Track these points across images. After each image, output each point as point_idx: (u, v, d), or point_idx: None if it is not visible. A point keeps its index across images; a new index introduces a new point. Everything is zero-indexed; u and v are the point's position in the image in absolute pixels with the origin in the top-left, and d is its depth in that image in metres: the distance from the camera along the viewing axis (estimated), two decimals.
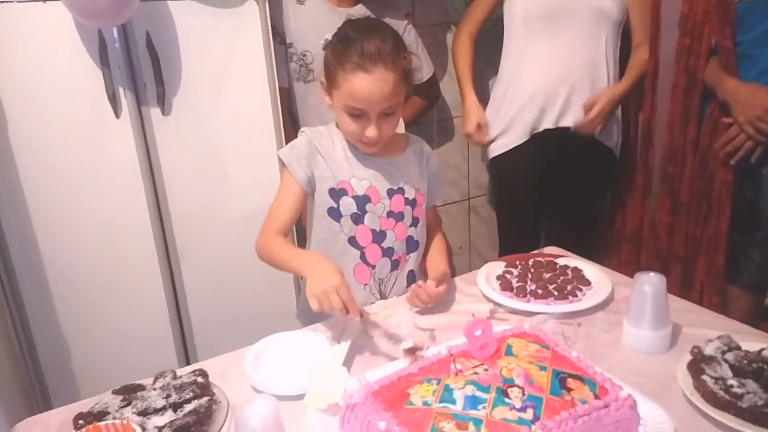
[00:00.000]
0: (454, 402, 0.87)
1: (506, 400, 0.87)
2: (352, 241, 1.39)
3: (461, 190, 2.69)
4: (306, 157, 1.35)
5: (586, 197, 2.17)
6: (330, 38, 1.31)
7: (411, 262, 1.46)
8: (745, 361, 0.96)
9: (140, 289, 1.78)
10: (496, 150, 2.12)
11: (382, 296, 1.44)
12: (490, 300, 1.34)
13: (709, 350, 1.02)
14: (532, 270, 1.43)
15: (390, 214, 1.39)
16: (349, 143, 1.38)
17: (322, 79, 1.34)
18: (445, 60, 2.44)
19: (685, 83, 1.81)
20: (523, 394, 0.88)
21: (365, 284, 1.42)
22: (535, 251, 1.62)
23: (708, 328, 1.16)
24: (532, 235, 2.24)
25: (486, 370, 0.95)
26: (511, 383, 0.91)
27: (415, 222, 1.43)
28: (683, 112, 1.83)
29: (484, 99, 2.51)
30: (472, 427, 0.82)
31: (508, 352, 1.01)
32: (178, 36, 1.65)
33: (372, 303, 1.39)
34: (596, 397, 0.90)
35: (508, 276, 1.42)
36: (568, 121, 2.00)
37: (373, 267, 1.41)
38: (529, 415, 0.85)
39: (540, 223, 2.30)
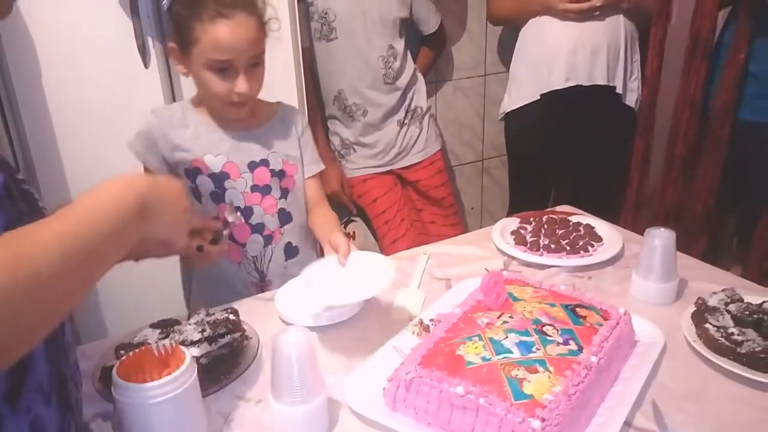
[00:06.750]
0: (510, 351, 0.88)
1: (548, 338, 0.90)
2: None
3: (475, 151, 2.72)
4: (156, 143, 1.29)
5: (605, 158, 2.17)
6: None
7: (287, 235, 1.38)
8: (747, 312, 1.01)
9: None
10: (510, 105, 2.15)
11: (259, 273, 1.37)
12: (504, 253, 1.39)
13: (713, 302, 1.07)
14: (546, 226, 1.48)
15: (254, 188, 1.32)
16: (203, 120, 1.30)
17: (172, 44, 1.22)
18: (464, 18, 2.45)
19: (689, 41, 1.83)
20: (557, 330, 0.93)
21: (238, 263, 1.36)
22: (548, 209, 1.67)
23: (713, 282, 1.20)
24: (542, 192, 2.29)
25: (511, 317, 0.97)
26: (540, 323, 0.94)
27: (284, 193, 1.36)
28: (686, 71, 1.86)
29: (505, 60, 2.52)
30: (540, 368, 0.84)
31: (513, 298, 1.03)
32: None
33: (251, 282, 1.37)
34: (604, 318, 0.97)
35: (522, 231, 1.47)
36: (584, 81, 2.02)
37: (243, 245, 1.35)
38: (573, 346, 0.90)
39: (551, 181, 2.34)
